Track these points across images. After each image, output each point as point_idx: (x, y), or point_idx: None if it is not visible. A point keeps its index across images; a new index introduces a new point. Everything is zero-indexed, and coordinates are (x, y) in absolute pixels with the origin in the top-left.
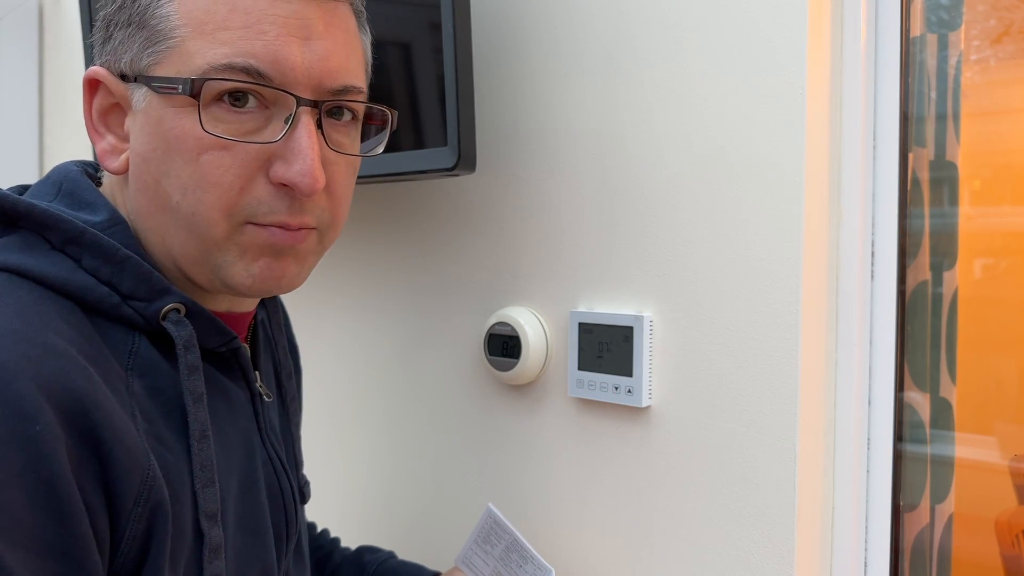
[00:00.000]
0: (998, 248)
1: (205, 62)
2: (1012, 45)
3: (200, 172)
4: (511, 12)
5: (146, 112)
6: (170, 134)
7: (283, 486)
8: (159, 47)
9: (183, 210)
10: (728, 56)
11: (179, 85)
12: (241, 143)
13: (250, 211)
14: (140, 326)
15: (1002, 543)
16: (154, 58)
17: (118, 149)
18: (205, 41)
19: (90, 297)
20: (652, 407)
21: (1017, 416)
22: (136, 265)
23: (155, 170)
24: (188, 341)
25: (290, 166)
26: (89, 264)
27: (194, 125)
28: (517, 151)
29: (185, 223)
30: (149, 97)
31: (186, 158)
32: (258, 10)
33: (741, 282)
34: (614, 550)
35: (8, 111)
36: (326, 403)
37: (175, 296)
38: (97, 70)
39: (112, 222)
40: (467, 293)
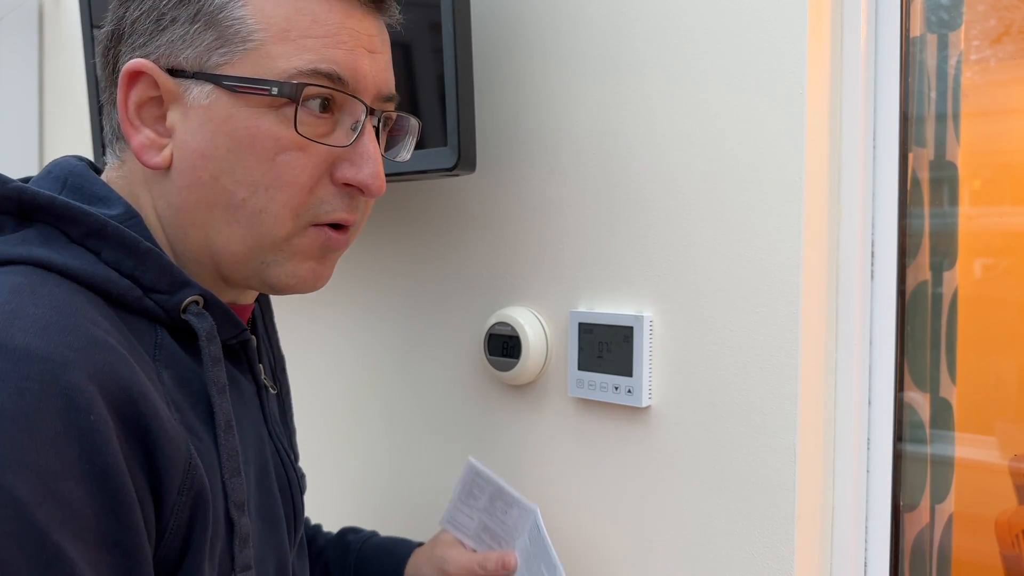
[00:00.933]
0: (998, 248)
1: (292, 66)
2: (1012, 45)
3: (275, 171)
4: (511, 12)
5: (208, 109)
6: (242, 132)
7: (290, 477)
8: (235, 48)
9: (248, 207)
10: (728, 56)
11: (271, 87)
12: (316, 144)
13: (315, 211)
14: (160, 319)
15: (1002, 543)
16: (227, 58)
17: (158, 144)
18: (289, 47)
19: (113, 290)
20: (652, 407)
21: (1017, 416)
22: (158, 258)
23: (215, 167)
24: (210, 333)
25: (360, 169)
26: (110, 257)
27: (272, 125)
28: (517, 151)
29: (248, 220)
30: (217, 95)
31: (260, 157)
32: (336, 23)
33: (741, 282)
34: (614, 550)
35: (8, 111)
36: (326, 403)
37: (195, 288)
38: (144, 62)
39: (127, 215)
40: (467, 293)
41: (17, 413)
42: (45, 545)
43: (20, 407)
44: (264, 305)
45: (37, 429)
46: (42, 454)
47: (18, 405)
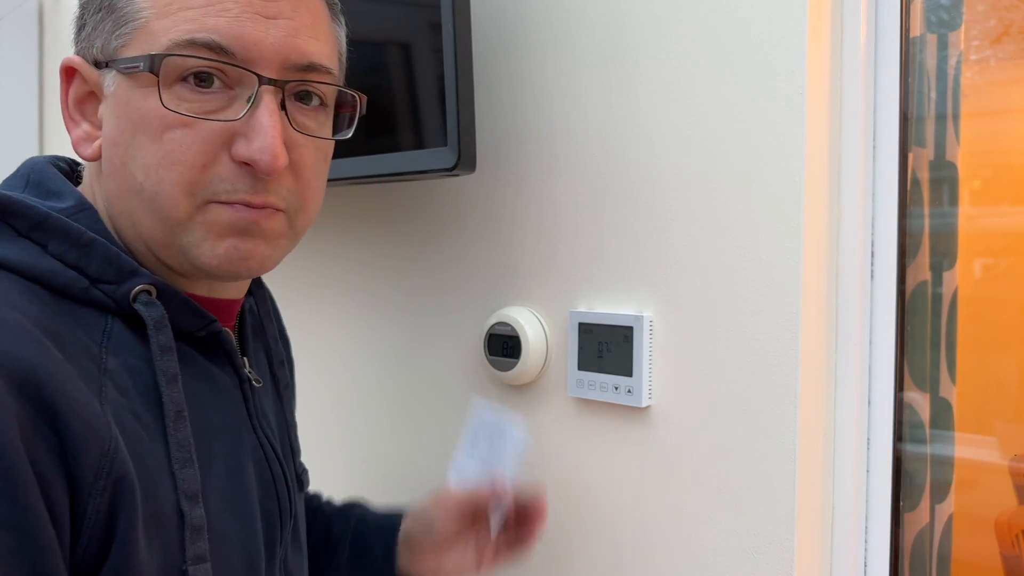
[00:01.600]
0: (998, 248)
1: (168, 39)
2: (1012, 45)
3: (163, 150)
4: (511, 12)
5: (115, 95)
6: (136, 114)
7: (275, 473)
8: (125, 29)
9: (147, 190)
10: (728, 56)
11: (140, 63)
12: (203, 120)
13: (212, 189)
14: (112, 309)
15: (1002, 543)
16: (121, 41)
17: (92, 136)
18: (169, 20)
19: (57, 281)
20: (652, 407)
21: (1017, 416)
22: (102, 247)
23: (122, 153)
24: (159, 321)
25: (251, 143)
26: (55, 249)
27: (158, 105)
28: (517, 151)
29: (148, 203)
30: (118, 80)
31: (150, 137)
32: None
33: (741, 282)
34: (614, 550)
35: (8, 111)
36: (326, 402)
37: (144, 277)
38: (72, 58)
39: (78, 208)
40: (467, 293)
41: None
42: None
43: None
44: (259, 300)
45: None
46: None
47: None
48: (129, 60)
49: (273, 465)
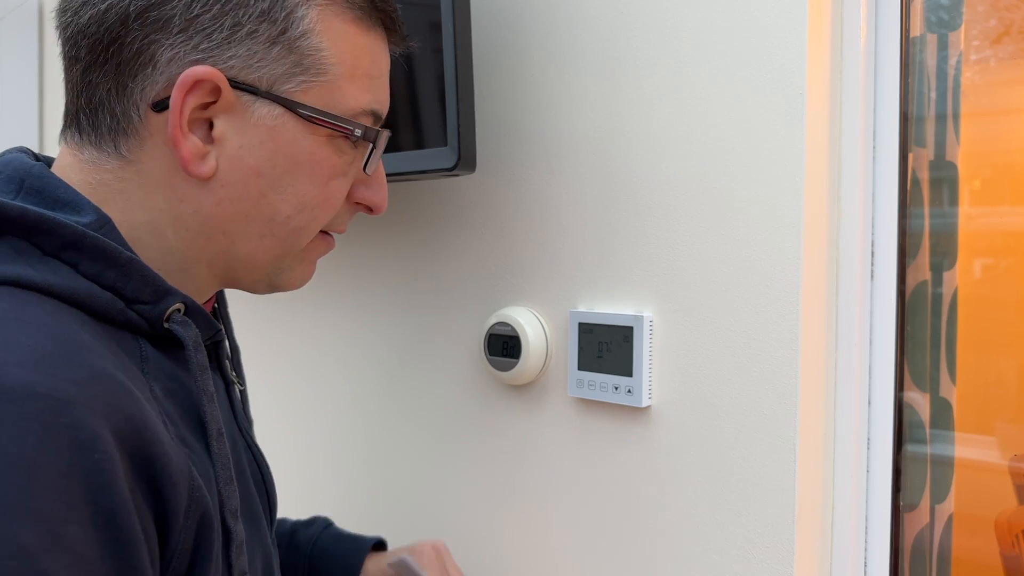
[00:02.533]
0: (998, 248)
1: (358, 106)
2: (1012, 45)
3: (325, 194)
4: (511, 12)
5: (274, 130)
6: (304, 157)
7: (263, 471)
8: (311, 78)
9: (292, 224)
10: (728, 56)
11: (354, 128)
12: (353, 171)
13: (329, 224)
14: (142, 330)
15: (1002, 543)
16: (303, 86)
17: (202, 152)
18: (356, 85)
19: (97, 304)
20: (652, 407)
21: (1017, 416)
22: (140, 267)
23: (265, 184)
24: (196, 341)
25: (376, 192)
26: (89, 269)
27: (331, 154)
28: (517, 151)
29: (286, 234)
30: (285, 118)
31: (315, 181)
32: (384, 62)
33: (741, 282)
34: (614, 550)
35: (8, 111)
36: (326, 403)
37: (177, 296)
38: (217, 73)
39: (100, 222)
40: (467, 293)
41: (19, 457)
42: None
43: (22, 450)
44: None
45: (40, 472)
46: (47, 499)
47: (20, 448)
48: (324, 115)
49: (261, 464)
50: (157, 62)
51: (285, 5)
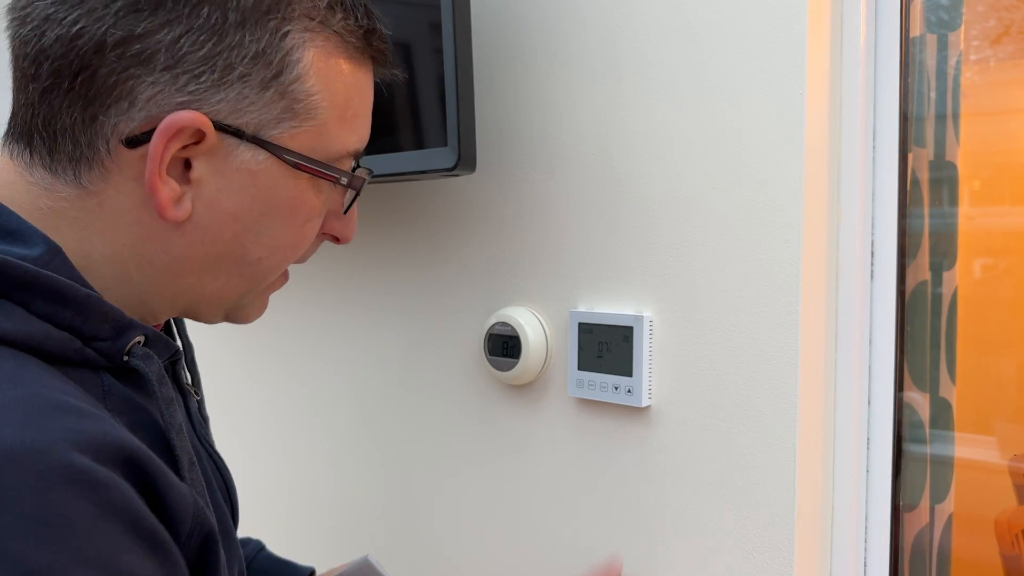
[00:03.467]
0: (998, 248)
1: (344, 148)
2: (1012, 45)
3: (300, 236)
4: (511, 12)
5: (256, 175)
6: (283, 201)
7: (226, 478)
8: (300, 123)
9: (263, 265)
10: (728, 56)
11: (341, 176)
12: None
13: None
14: (102, 365)
15: (1002, 543)
16: (292, 131)
17: (178, 193)
18: (344, 128)
19: (51, 347)
20: (652, 407)
21: (1017, 416)
22: (98, 303)
23: (242, 228)
24: (159, 376)
25: (346, 224)
26: (41, 309)
27: (311, 197)
28: (517, 151)
29: (254, 274)
30: (269, 163)
31: (293, 224)
32: (371, 97)
33: (741, 282)
34: (614, 550)
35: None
36: (326, 403)
37: (138, 329)
38: (200, 119)
39: (51, 254)
40: (467, 293)
41: (50, 516)
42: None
43: (48, 508)
44: None
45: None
46: (91, 543)
47: (45, 506)
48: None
49: (224, 471)
50: (136, 99)
51: (281, 46)
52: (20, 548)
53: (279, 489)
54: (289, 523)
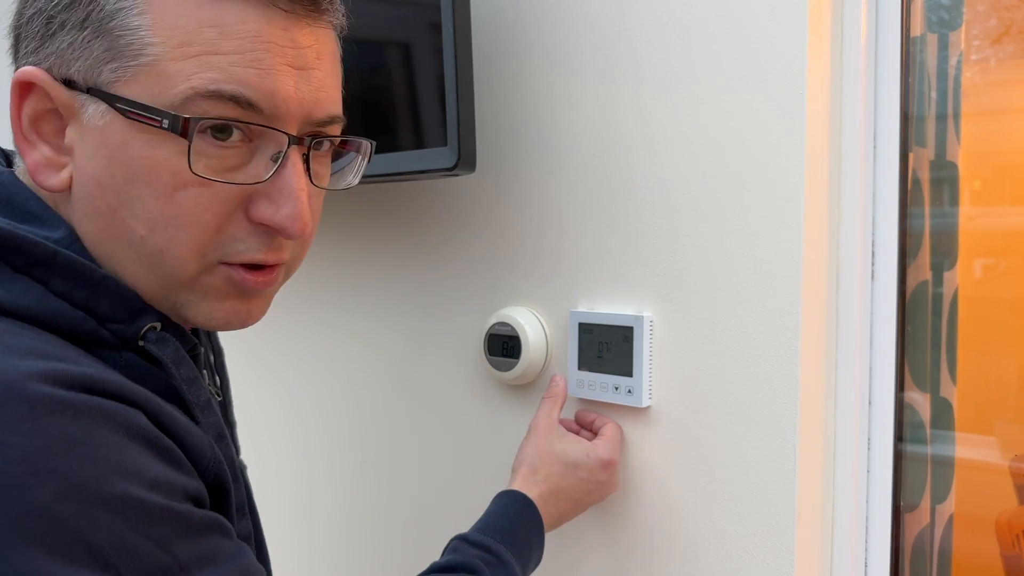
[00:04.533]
0: (998, 248)
1: (188, 87)
2: (1012, 45)
3: (174, 209)
4: (511, 12)
5: (103, 131)
6: (138, 163)
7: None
8: (127, 63)
9: (148, 246)
10: (728, 56)
11: (163, 119)
12: (224, 182)
13: (224, 250)
14: (118, 347)
15: (1002, 543)
16: (119, 74)
17: (56, 163)
18: (189, 64)
19: (64, 324)
20: (652, 407)
21: (1017, 416)
22: (115, 285)
23: (112, 198)
24: (175, 356)
25: (278, 208)
26: (59, 287)
27: (170, 157)
28: (517, 151)
29: (150, 259)
30: (110, 116)
31: (157, 192)
32: (251, 35)
33: (741, 282)
34: (614, 550)
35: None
36: (325, 403)
37: (152, 315)
38: (33, 71)
39: (71, 239)
40: (467, 293)
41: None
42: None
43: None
44: None
45: (115, 439)
46: (128, 458)
47: (83, 428)
48: (140, 107)
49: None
50: (13, 73)
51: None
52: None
53: (279, 488)
54: (289, 522)
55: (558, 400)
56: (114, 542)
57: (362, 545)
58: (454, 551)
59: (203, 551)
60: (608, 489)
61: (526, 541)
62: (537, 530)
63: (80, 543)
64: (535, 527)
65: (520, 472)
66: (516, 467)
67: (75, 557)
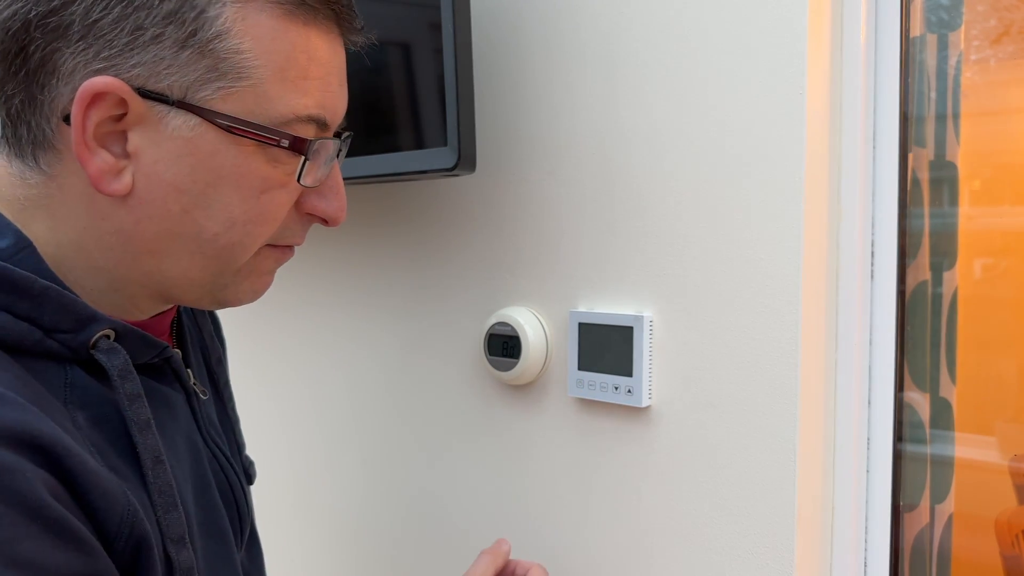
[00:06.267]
0: (998, 248)
1: (290, 111)
2: (1012, 45)
3: (259, 208)
4: (511, 12)
5: (191, 141)
6: (229, 170)
7: (231, 480)
8: (231, 84)
9: (221, 241)
10: (728, 56)
11: (280, 139)
12: (295, 183)
13: (276, 237)
14: (68, 357)
15: (1002, 543)
16: (219, 93)
17: (116, 169)
18: (287, 88)
19: (8, 337)
20: (652, 407)
21: (1017, 416)
22: (57, 295)
23: (188, 201)
24: (123, 370)
25: (329, 202)
26: (1, 300)
27: (261, 164)
28: (517, 151)
29: (216, 252)
30: (203, 128)
31: (245, 195)
32: (327, 61)
33: (741, 282)
34: (614, 550)
35: None
36: (325, 403)
37: (103, 323)
38: (113, 83)
39: (18, 247)
40: (467, 293)
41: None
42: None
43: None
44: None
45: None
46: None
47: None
48: (247, 124)
49: (228, 473)
50: (61, 72)
51: (195, 4)
52: None
53: (278, 488)
54: (288, 522)
55: (497, 560)
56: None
57: (362, 545)
58: None
59: None
60: None
61: None
62: None
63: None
64: None
65: None
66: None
67: None
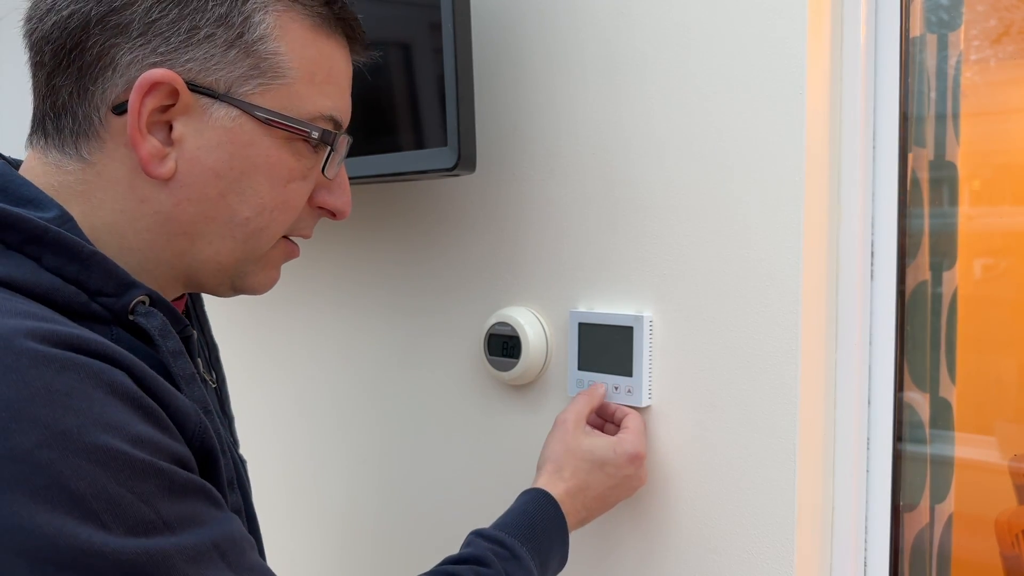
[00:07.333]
0: (998, 248)
1: (316, 110)
2: (1012, 45)
3: (284, 196)
4: (511, 12)
5: (232, 131)
6: (261, 159)
7: (239, 471)
8: (268, 81)
9: (251, 226)
10: (728, 56)
11: (311, 131)
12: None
13: (291, 228)
14: (110, 320)
15: (1002, 543)
16: (259, 89)
17: (162, 153)
18: (315, 90)
19: (58, 297)
20: (652, 407)
21: (1017, 416)
22: (102, 261)
23: (225, 186)
24: (163, 329)
25: (338, 196)
26: (51, 263)
27: (288, 156)
28: (517, 151)
29: (245, 237)
30: (242, 120)
31: (273, 183)
32: (344, 72)
33: (741, 282)
34: (614, 550)
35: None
36: (325, 403)
37: (141, 289)
38: (170, 75)
39: (63, 219)
40: (467, 293)
41: (70, 388)
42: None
43: (70, 383)
44: (195, 297)
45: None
46: (111, 413)
47: (67, 382)
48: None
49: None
50: (117, 65)
51: (243, 10)
52: (43, 414)
53: (278, 488)
54: (288, 522)
55: (593, 402)
56: (95, 491)
57: (362, 545)
58: (468, 545)
59: (187, 512)
60: (636, 483)
61: (546, 538)
62: (559, 528)
63: (62, 489)
64: (556, 525)
65: (545, 470)
66: (541, 464)
67: (56, 502)
